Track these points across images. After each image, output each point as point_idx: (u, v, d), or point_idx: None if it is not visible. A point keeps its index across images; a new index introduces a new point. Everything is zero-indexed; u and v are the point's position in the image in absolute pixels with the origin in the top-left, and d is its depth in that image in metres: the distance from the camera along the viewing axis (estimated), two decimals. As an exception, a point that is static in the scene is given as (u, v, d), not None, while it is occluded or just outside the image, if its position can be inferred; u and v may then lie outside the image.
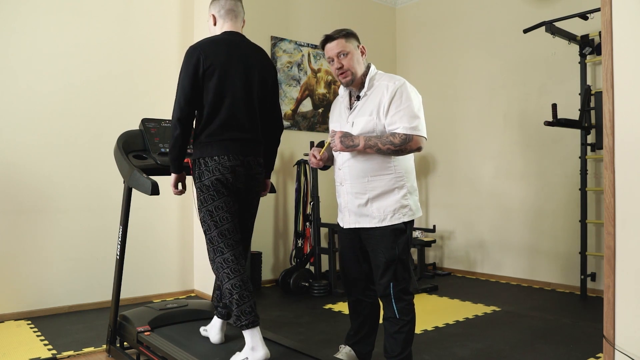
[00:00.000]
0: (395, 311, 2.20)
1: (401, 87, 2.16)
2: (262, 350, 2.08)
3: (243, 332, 2.12)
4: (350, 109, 2.29)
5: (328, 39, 2.25)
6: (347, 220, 2.30)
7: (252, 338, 2.10)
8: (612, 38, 2.00)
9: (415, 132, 2.10)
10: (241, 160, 2.22)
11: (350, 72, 2.22)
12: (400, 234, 2.19)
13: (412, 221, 2.25)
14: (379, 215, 2.19)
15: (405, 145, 2.10)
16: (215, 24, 2.36)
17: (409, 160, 2.26)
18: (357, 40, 2.28)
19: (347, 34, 2.25)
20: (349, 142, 2.14)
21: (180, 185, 2.39)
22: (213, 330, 2.44)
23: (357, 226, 2.26)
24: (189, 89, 2.17)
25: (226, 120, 2.20)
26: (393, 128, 2.13)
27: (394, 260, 2.18)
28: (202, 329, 2.55)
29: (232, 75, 2.21)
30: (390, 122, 2.13)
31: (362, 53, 2.27)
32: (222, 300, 2.37)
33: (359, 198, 2.22)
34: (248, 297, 2.14)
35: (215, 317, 2.46)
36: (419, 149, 2.15)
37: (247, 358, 2.08)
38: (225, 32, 2.32)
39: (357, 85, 2.27)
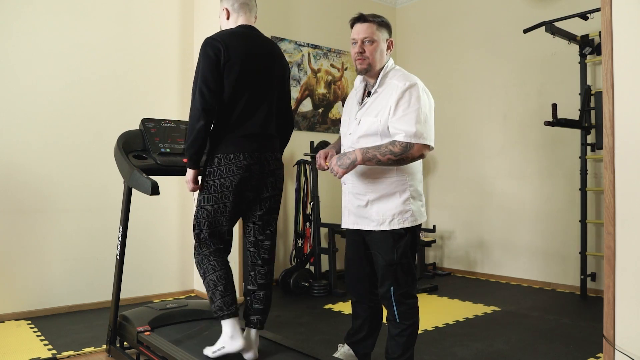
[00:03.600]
0: (396, 315, 2.17)
1: (411, 88, 2.04)
2: (240, 340, 2.13)
3: (222, 322, 2.17)
4: (361, 104, 2.22)
5: (360, 19, 2.17)
6: (347, 220, 2.27)
7: (233, 328, 2.15)
8: (612, 38, 2.00)
9: (417, 139, 1.99)
10: (257, 158, 2.16)
11: (368, 61, 2.13)
12: (400, 238, 2.13)
13: (417, 225, 2.18)
14: (377, 218, 2.14)
15: (406, 153, 1.99)
16: (228, 18, 2.30)
17: (415, 163, 2.16)
18: (389, 33, 2.19)
19: (381, 23, 2.16)
20: (346, 162, 2.06)
21: (195, 181, 2.25)
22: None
23: (356, 227, 2.22)
24: (212, 78, 2.07)
25: (243, 116, 2.14)
26: (396, 134, 2.04)
27: (393, 264, 2.13)
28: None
29: (250, 70, 2.15)
30: (393, 126, 2.04)
31: (389, 47, 2.18)
32: (253, 307, 2.26)
33: (359, 199, 2.19)
34: (232, 289, 2.19)
35: (246, 328, 2.26)
36: (421, 157, 2.05)
37: (223, 347, 2.14)
38: (241, 26, 2.26)
39: (372, 78, 2.20)
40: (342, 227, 2.32)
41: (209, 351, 2.20)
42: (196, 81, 2.11)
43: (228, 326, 2.15)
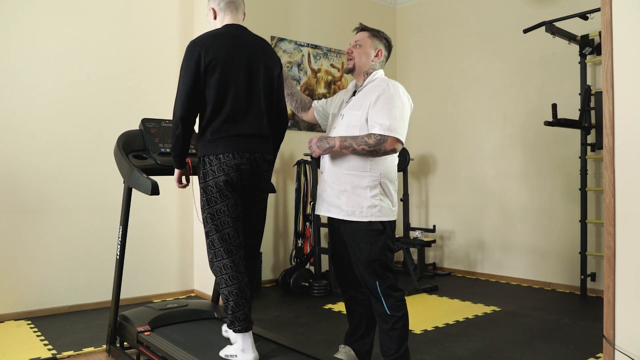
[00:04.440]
0: (386, 308, 2.20)
1: (392, 88, 2.20)
2: (252, 354, 2.16)
3: (235, 334, 2.19)
4: (348, 102, 2.36)
5: (357, 28, 2.39)
6: (319, 207, 2.38)
7: (244, 341, 2.17)
8: (612, 38, 2.00)
9: (390, 132, 2.11)
10: (247, 158, 2.18)
11: (353, 62, 2.32)
12: (377, 235, 2.20)
13: (390, 222, 2.25)
14: (347, 209, 2.22)
15: (379, 146, 2.12)
16: (215, 18, 2.31)
17: (389, 164, 2.26)
18: (383, 46, 2.35)
19: (376, 35, 2.35)
20: (324, 145, 2.22)
21: (184, 179, 2.39)
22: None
23: (328, 214, 2.32)
24: (191, 86, 2.12)
25: (230, 116, 2.16)
26: (372, 127, 2.15)
27: (373, 260, 2.19)
28: (223, 331, 2.41)
29: (235, 70, 2.17)
30: (371, 119, 2.17)
31: (377, 55, 2.34)
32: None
33: (333, 188, 2.28)
34: (244, 304, 2.18)
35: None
36: (393, 151, 2.17)
37: (236, 356, 2.18)
38: (226, 25, 2.27)
39: (359, 80, 2.36)
40: (315, 212, 2.44)
41: (223, 352, 2.24)
42: (178, 86, 2.16)
43: (239, 339, 2.18)
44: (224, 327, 2.49)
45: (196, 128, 2.29)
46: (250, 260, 2.41)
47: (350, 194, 2.22)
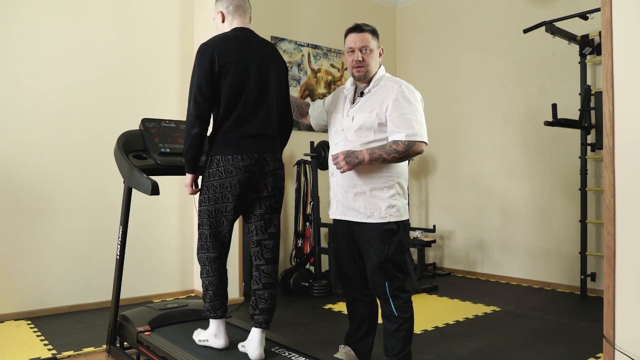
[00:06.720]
0: (394, 309, 2.21)
1: (406, 91, 2.20)
2: (223, 339, 2.28)
3: (210, 320, 2.31)
4: (353, 103, 2.32)
5: (356, 28, 2.29)
6: (334, 210, 2.35)
7: (217, 327, 2.29)
8: (612, 38, 2.00)
9: (417, 138, 2.14)
10: (256, 159, 2.19)
11: (367, 68, 2.27)
12: (392, 235, 2.20)
13: (405, 222, 2.26)
14: (365, 211, 2.21)
15: (408, 151, 2.13)
16: (223, 21, 2.32)
17: (402, 163, 2.27)
18: (378, 41, 2.33)
19: (374, 31, 2.30)
20: (354, 160, 2.16)
21: (194, 185, 2.32)
22: (252, 344, 2.22)
23: (344, 218, 2.30)
24: (206, 86, 2.13)
25: (242, 118, 2.18)
26: (395, 132, 2.14)
27: (386, 260, 2.19)
28: (240, 346, 2.30)
29: (246, 72, 2.19)
30: (392, 126, 2.15)
31: (380, 54, 2.33)
32: (258, 306, 2.26)
33: (348, 191, 2.26)
34: (221, 295, 2.28)
35: (252, 328, 2.26)
36: (421, 152, 2.20)
37: (207, 341, 2.31)
38: (235, 29, 2.29)
39: (364, 82, 2.32)
40: (330, 217, 2.40)
41: (196, 336, 2.38)
42: (192, 88, 2.16)
43: (213, 325, 2.30)
44: (240, 345, 2.32)
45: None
46: (270, 265, 2.30)
47: (368, 196, 2.21)
